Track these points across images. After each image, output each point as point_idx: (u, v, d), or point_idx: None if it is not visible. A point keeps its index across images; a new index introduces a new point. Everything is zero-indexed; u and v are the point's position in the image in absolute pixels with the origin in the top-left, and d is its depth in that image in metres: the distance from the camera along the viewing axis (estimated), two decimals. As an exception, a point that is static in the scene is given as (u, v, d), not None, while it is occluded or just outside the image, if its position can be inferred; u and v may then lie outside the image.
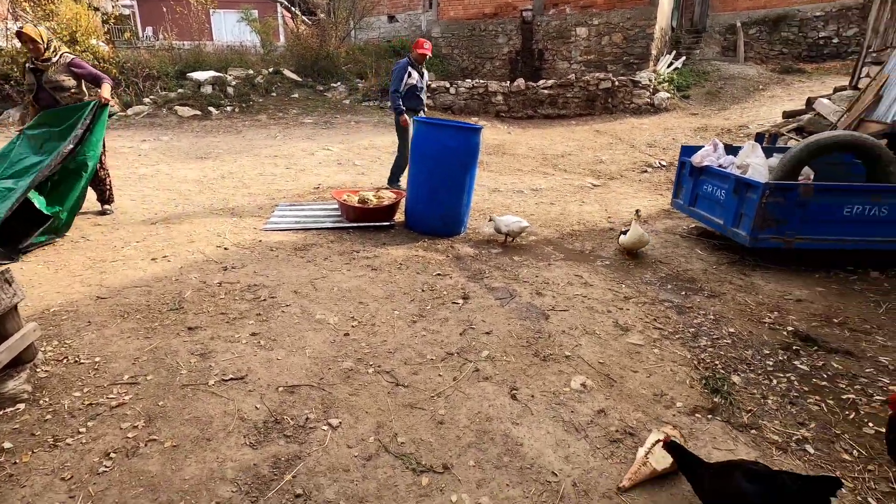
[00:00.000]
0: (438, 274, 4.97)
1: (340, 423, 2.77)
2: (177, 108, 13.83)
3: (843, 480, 2.40)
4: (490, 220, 5.89)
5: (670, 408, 2.97)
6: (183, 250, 5.25)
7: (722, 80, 17.05)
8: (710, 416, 2.89)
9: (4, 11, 14.17)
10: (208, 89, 14.82)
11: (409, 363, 3.38)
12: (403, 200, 6.63)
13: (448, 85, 15.85)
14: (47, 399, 2.85)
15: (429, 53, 7.53)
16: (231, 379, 3.07)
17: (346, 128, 13.60)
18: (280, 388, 3.02)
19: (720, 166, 5.77)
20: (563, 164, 11.37)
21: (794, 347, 3.68)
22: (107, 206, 6.40)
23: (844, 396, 3.11)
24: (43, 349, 3.28)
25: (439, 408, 2.94)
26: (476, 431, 2.76)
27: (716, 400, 3.04)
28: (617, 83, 15.37)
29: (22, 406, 2.79)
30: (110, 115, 7.31)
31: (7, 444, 2.51)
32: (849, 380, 3.29)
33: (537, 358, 3.47)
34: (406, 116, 7.44)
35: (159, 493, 2.25)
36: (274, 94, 15.77)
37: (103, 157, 6.18)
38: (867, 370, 3.40)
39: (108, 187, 6.39)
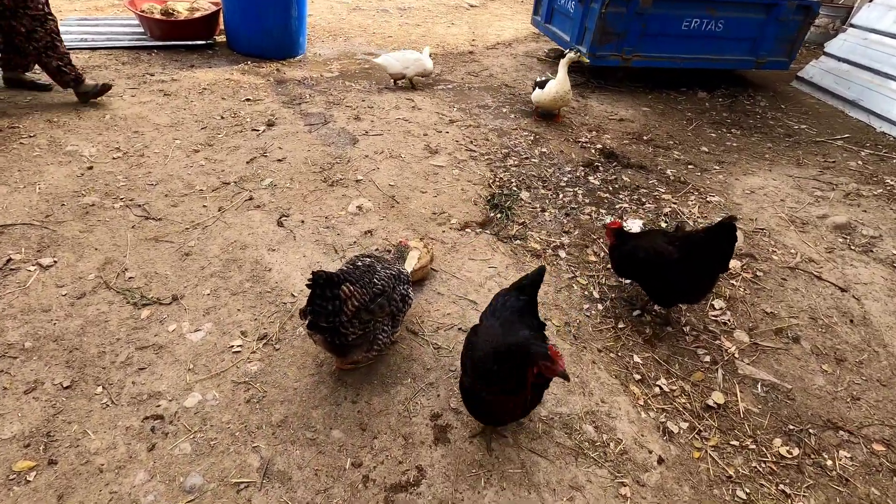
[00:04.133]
0: (248, 99, 4.28)
1: (56, 262, 2.38)
2: None
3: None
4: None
5: (443, 224, 2.88)
6: None
7: None
8: (479, 230, 2.85)
9: None
10: None
11: (172, 195, 2.95)
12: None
13: None
14: None
15: None
16: (-87, 221, 2.49)
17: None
18: (-18, 229, 2.51)
19: (575, -28, 5.17)
20: (444, -20, 9.99)
21: (596, 164, 3.68)
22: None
23: (618, 206, 3.20)
24: None
25: (191, 239, 2.62)
26: (225, 261, 2.51)
27: (492, 215, 2.99)
28: None
29: None
30: None
31: None
32: (630, 191, 3.38)
33: (325, 184, 3.17)
34: None
35: None
36: None
37: None
38: (651, 181, 3.51)
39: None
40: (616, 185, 3.43)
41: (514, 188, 3.31)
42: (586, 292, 2.49)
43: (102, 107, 3.82)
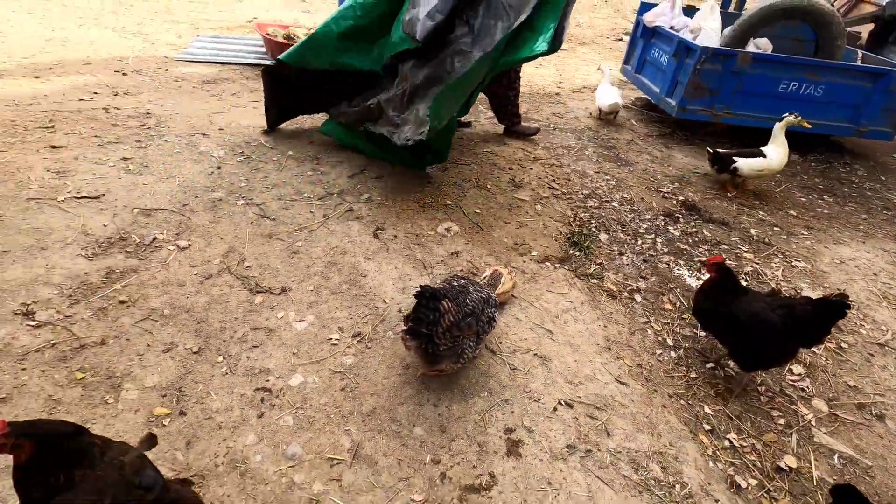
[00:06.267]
0: (351, 120, 4.71)
1: (190, 245, 2.77)
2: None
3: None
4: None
5: (524, 255, 3.05)
6: (73, 71, 4.78)
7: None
8: (558, 265, 2.99)
9: None
10: None
11: (284, 199, 3.32)
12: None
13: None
14: None
15: None
16: (84, 197, 2.98)
17: (300, -43, 11.88)
18: (136, 210, 2.96)
19: (672, 28, 5.30)
20: (535, 23, 10.41)
21: (676, 215, 3.73)
22: None
23: (696, 259, 3.24)
24: None
25: (298, 240, 2.95)
26: (326, 262, 2.81)
27: (571, 252, 3.12)
28: (616, -68, 13.44)
29: None
30: None
31: None
32: (711, 245, 3.40)
33: (417, 204, 3.45)
34: None
35: (-23, 289, 2.28)
36: None
37: None
38: (733, 239, 3.51)
39: None
40: (696, 238, 3.47)
41: (594, 229, 3.43)
42: (660, 338, 2.56)
43: (229, 115, 4.35)
